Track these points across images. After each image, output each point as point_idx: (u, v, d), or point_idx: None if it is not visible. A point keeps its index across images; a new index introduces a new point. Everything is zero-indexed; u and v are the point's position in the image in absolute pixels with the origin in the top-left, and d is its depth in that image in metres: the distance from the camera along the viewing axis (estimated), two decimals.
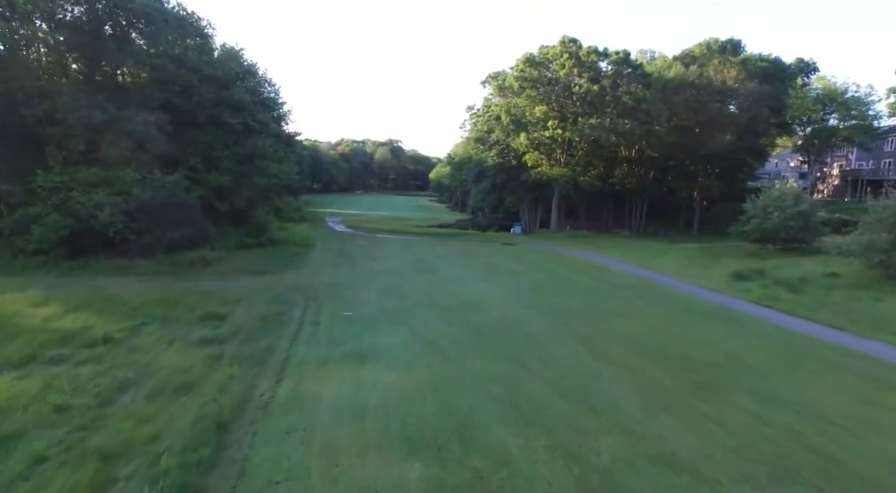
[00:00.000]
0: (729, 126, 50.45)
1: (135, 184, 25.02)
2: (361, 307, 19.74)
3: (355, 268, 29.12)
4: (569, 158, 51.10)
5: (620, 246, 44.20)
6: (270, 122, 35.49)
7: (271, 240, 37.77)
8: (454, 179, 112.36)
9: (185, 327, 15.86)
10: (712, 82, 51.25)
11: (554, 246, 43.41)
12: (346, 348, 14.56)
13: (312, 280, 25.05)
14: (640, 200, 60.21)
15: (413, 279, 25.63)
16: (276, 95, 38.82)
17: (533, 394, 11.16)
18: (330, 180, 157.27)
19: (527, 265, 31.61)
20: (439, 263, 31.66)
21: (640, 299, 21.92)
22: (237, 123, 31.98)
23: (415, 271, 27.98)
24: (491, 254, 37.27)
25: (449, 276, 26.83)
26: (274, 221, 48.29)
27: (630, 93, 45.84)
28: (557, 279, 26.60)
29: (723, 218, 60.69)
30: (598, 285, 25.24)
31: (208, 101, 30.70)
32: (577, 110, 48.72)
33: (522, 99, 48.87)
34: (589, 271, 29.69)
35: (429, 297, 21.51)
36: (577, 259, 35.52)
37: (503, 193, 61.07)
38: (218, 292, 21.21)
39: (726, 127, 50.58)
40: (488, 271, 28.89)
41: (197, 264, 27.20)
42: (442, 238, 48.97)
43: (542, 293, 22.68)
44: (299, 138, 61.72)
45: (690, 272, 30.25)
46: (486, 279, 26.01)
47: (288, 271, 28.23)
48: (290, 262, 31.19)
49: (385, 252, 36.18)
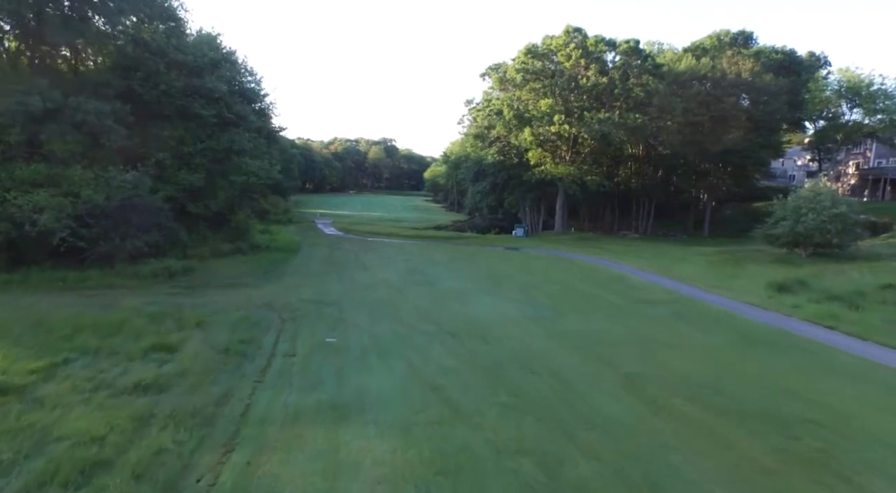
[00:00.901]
0: (744, 121, 47.38)
1: (86, 184, 21.44)
2: (348, 332, 16.36)
3: (343, 279, 25.69)
4: (574, 155, 47.87)
5: (632, 250, 41.01)
6: (250, 114, 31.93)
7: (252, 245, 34.30)
8: (450, 178, 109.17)
9: (121, 365, 12.42)
10: (726, 75, 48.16)
11: (561, 251, 40.14)
12: (325, 396, 11.20)
13: (292, 295, 21.62)
14: (647, 201, 57.11)
15: (409, 294, 22.23)
16: (257, 86, 35.25)
17: (586, 483, 7.81)
18: (322, 180, 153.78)
19: (537, 275, 28.28)
20: (438, 272, 28.28)
21: (680, 320, 18.62)
22: (211, 115, 28.46)
23: (411, 284, 24.59)
24: (494, 261, 33.94)
25: (450, 289, 23.46)
26: (256, 224, 44.79)
27: (641, 85, 42.60)
28: (576, 294, 23.28)
29: (736, 219, 57.81)
30: (625, 301, 21.93)
31: (177, 90, 27.15)
32: (584, 104, 45.48)
33: (525, 92, 45.54)
34: (608, 283, 26.40)
35: (428, 318, 18.14)
36: (590, 267, 32.24)
37: (503, 193, 57.81)
38: (176, 312, 17.75)
39: (741, 122, 47.52)
40: (494, 282, 25.53)
41: (160, 275, 23.68)
42: (439, 242, 45.61)
43: (562, 313, 19.34)
44: (290, 136, 58.94)
45: (721, 282, 27.05)
46: (494, 293, 22.65)
47: (266, 282, 24.78)
48: (270, 271, 27.74)
49: (377, 259, 32.76)
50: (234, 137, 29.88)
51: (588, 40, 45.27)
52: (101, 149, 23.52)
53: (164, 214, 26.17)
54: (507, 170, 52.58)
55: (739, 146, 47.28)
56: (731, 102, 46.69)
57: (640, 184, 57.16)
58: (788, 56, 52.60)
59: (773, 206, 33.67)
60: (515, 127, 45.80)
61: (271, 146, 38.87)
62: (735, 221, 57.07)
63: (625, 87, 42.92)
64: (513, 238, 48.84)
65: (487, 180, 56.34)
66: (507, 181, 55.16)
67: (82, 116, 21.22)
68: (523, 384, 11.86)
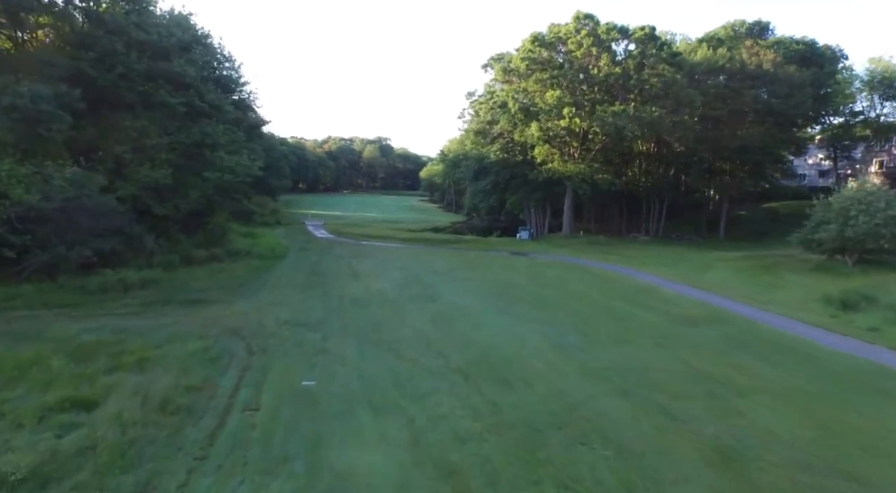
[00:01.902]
0: (765, 115, 44.07)
1: (17, 181, 17.75)
2: (331, 371, 12.84)
3: (331, 293, 22.09)
4: (583, 152, 44.37)
5: (649, 256, 37.61)
6: (226, 104, 28.30)
7: (230, 251, 30.69)
8: (447, 177, 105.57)
9: (1, 437, 8.85)
10: (745, 67, 44.80)
11: (572, 256, 36.67)
12: (290, 488, 7.71)
13: (268, 315, 18.05)
14: (658, 201, 53.70)
15: (408, 313, 18.66)
16: (235, 73, 31.56)
17: None
18: (316, 179, 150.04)
19: (552, 287, 24.78)
20: (439, 283, 24.73)
21: (738, 348, 15.14)
22: (179, 103, 24.87)
23: (410, 299, 21.03)
24: (501, 268, 30.41)
25: (455, 306, 19.91)
26: (238, 226, 41.18)
27: (659, 75, 39.11)
28: (604, 311, 19.78)
29: (754, 221, 54.44)
30: (662, 319, 18.47)
31: (138, 74, 23.54)
32: (595, 97, 42.01)
33: (531, 83, 41.93)
34: (636, 296, 22.94)
35: (432, 348, 14.60)
36: (609, 276, 28.78)
37: (504, 193, 54.28)
38: (116, 342, 14.17)
39: (763, 117, 44.22)
40: (505, 296, 22.00)
41: (113, 289, 20.05)
42: (438, 246, 42.05)
43: (594, 339, 15.84)
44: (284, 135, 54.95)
45: (760, 294, 23.70)
46: (507, 312, 19.11)
47: (240, 297, 21.17)
48: (247, 283, 24.13)
49: (371, 267, 29.17)
50: (206, 128, 26.29)
51: (600, 27, 41.81)
52: (42, 140, 19.80)
53: (121, 216, 22.50)
54: (511, 168, 49.05)
55: (759, 142, 43.96)
56: (752, 94, 43.32)
57: (650, 183, 53.77)
58: (809, 47, 49.30)
59: (812, 207, 30.43)
60: (521, 122, 42.27)
61: (253, 140, 35.21)
62: (752, 222, 53.80)
63: (640, 77, 39.41)
64: (517, 242, 45.36)
65: (489, 179, 52.69)
66: (510, 180, 51.65)
67: (12, 100, 17.52)
68: (571, 465, 8.34)
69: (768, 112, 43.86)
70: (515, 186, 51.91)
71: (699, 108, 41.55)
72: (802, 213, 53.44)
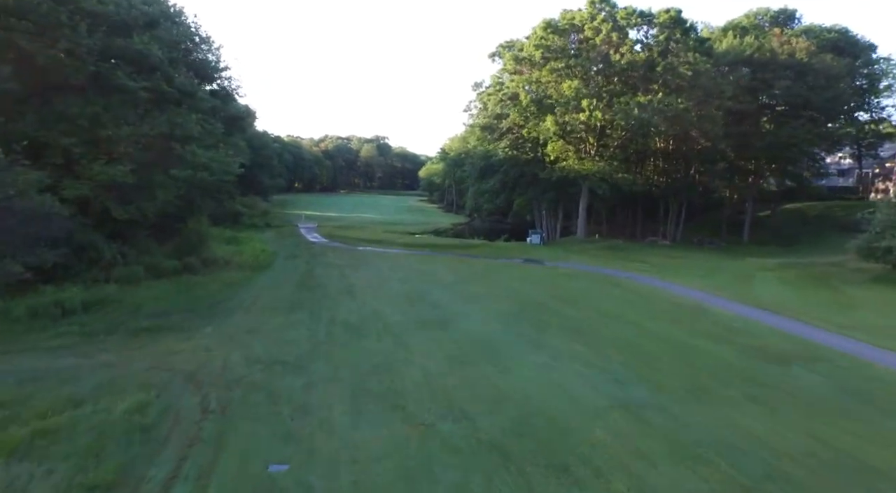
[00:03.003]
0: (798, 109, 40.38)
1: None
2: (311, 448, 9.02)
3: (319, 316, 18.22)
4: (600, 149, 40.58)
5: (677, 263, 33.87)
6: (200, 91, 24.41)
7: (207, 261, 26.77)
8: (448, 177, 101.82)
9: None
10: (776, 56, 41.12)
11: (593, 265, 32.86)
12: None
13: (237, 351, 14.18)
14: (676, 203, 49.95)
15: (415, 347, 14.79)
16: (213, 57, 27.58)
17: None
18: (312, 179, 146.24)
19: (583, 305, 20.95)
20: (450, 302, 20.86)
21: (870, 407, 11.33)
22: (141, 87, 20.96)
23: (416, 325, 17.17)
24: (518, 280, 26.59)
25: (473, 336, 16.06)
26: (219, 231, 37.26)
27: (688, 63, 35.29)
28: (657, 342, 15.94)
29: (780, 223, 50.73)
30: (738, 356, 14.65)
31: (90, 51, 19.61)
32: (614, 88, 38.23)
33: (545, 73, 38.06)
34: (687, 318, 19.15)
35: (451, 404, 10.80)
36: (642, 289, 24.98)
37: (512, 193, 50.45)
38: (14, 400, 10.37)
39: (795, 110, 40.54)
40: (533, 321, 18.15)
41: (45, 315, 16.15)
42: (442, 252, 38.18)
43: (664, 390, 12.00)
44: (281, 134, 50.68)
45: (832, 315, 19.89)
46: (540, 345, 15.26)
47: (208, 322, 17.29)
48: (220, 301, 20.23)
49: (368, 280, 25.30)
50: (176, 118, 22.41)
51: (619, 12, 38.06)
52: None
53: (67, 222, 18.54)
54: (521, 166, 45.22)
55: (792, 138, 40.27)
56: (784, 86, 39.62)
57: (668, 183, 50.04)
58: (843, 35, 45.65)
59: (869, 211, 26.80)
60: (534, 115, 38.43)
61: (234, 134, 31.28)
62: (777, 225, 50.09)
63: (668, 65, 35.57)
64: (528, 246, 41.50)
65: (497, 178, 48.75)
66: (518, 179, 47.84)
67: None
68: None
69: (802, 105, 40.17)
70: (524, 185, 48.12)
71: (729, 99, 37.76)
72: (833, 215, 49.94)
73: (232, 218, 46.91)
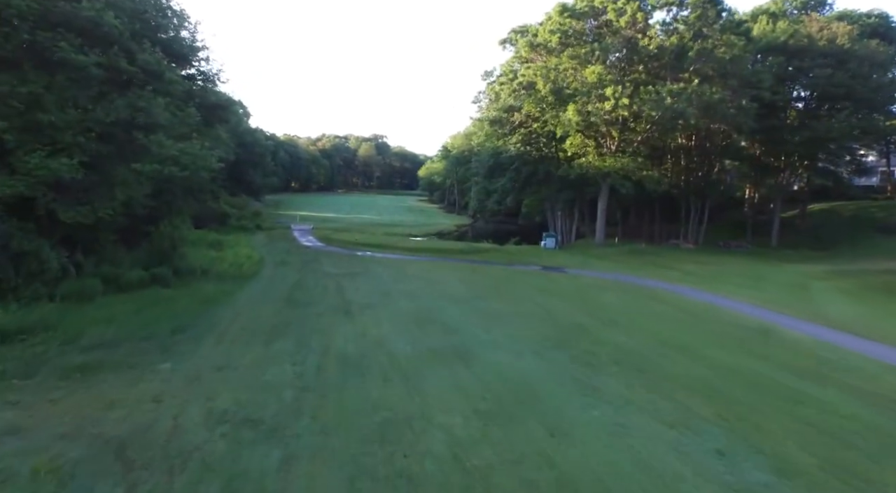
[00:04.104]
0: (840, 100, 36.89)
1: None
2: None
3: (308, 346, 14.54)
4: (622, 143, 36.99)
5: (714, 271, 30.33)
6: (169, 72, 20.68)
7: (180, 270, 23.09)
8: (450, 176, 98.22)
9: None
10: (814, 42, 37.59)
11: (620, 272, 29.29)
12: None
13: (196, 401, 10.49)
14: (698, 203, 46.41)
15: (432, 395, 11.12)
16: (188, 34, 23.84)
17: None
18: (309, 178, 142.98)
19: (630, 328, 17.34)
20: (468, 324, 17.22)
21: None
22: (93, 63, 17.26)
23: (430, 358, 13.51)
24: (543, 294, 22.97)
25: (507, 377, 12.40)
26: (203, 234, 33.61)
27: (725, 46, 31.63)
28: (744, 385, 12.30)
29: (818, 225, 47.08)
30: (866, 410, 11.05)
31: (21, 15, 15.94)
32: (638, 77, 34.63)
33: (565, 59, 34.38)
34: (762, 346, 15.58)
35: None
36: (689, 305, 21.37)
37: (522, 192, 46.82)
38: None
39: (837, 101, 37.05)
40: (577, 353, 14.51)
41: None
42: (449, 258, 34.55)
43: (800, 477, 8.38)
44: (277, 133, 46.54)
45: None
46: (597, 391, 11.61)
47: (168, 356, 13.52)
48: (185, 325, 16.40)
49: (368, 294, 21.64)
50: (139, 102, 18.67)
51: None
52: None
53: None
54: (533, 164, 41.58)
55: (833, 133, 36.75)
56: (825, 75, 36.08)
57: (690, 182, 46.51)
58: (883, 21, 42.27)
59: None
60: (550, 106, 34.81)
61: (215, 125, 27.55)
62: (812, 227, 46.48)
63: (702, 50, 31.91)
64: (542, 251, 37.91)
65: (507, 177, 45.04)
66: (530, 178, 44.21)
67: None
68: None
69: (845, 96, 36.64)
70: (535, 184, 44.49)
71: (766, 89, 34.21)
72: (870, 215, 46.21)
73: (220, 220, 43.22)
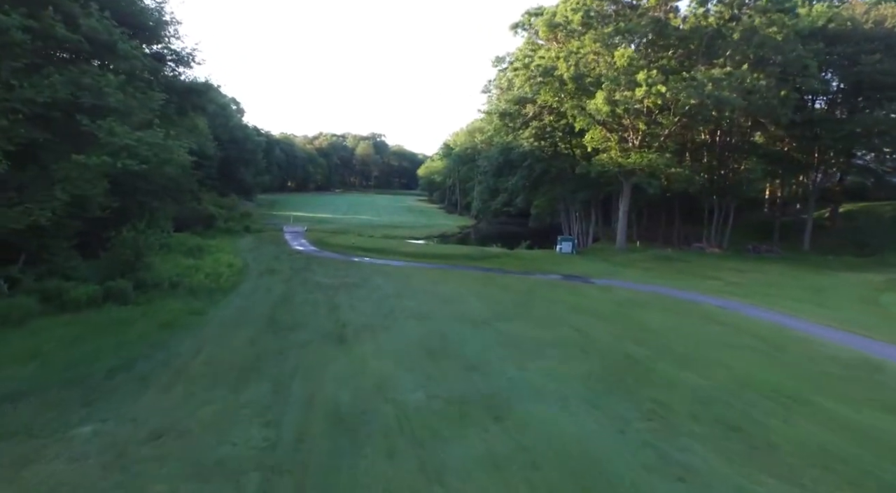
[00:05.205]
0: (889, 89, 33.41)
1: None
2: None
3: (288, 395, 10.88)
4: (647, 138, 33.44)
5: (757, 281, 26.84)
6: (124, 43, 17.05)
7: (143, 283, 19.46)
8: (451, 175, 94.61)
9: None
10: (859, 26, 34.12)
11: (655, 283, 25.76)
12: None
13: None
14: (724, 204, 42.90)
15: (454, 472, 7.47)
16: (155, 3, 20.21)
17: None
18: (305, 178, 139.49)
19: (700, 365, 13.76)
20: (495, 357, 13.62)
21: None
22: (16, 26, 13.66)
23: (450, 415, 9.88)
24: (575, 312, 19.36)
25: (557, 445, 8.80)
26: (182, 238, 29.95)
27: (774, 25, 28.03)
28: (883, 459, 8.77)
29: (863, 229, 43.41)
30: None
31: None
32: (667, 63, 31.07)
33: (588, 42, 30.71)
34: (872, 391, 12.05)
35: None
36: (756, 328, 17.80)
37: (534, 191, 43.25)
38: None
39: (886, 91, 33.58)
40: (642, 403, 10.93)
41: None
42: (458, 265, 30.97)
43: None
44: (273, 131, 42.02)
45: None
46: (690, 473, 8.02)
47: (86, 417, 9.77)
48: (129, 364, 12.68)
49: (367, 314, 18.01)
50: (82, 79, 15.08)
51: None
52: None
53: None
54: (547, 160, 38.00)
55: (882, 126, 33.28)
56: (874, 61, 32.60)
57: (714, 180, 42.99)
58: None
59: None
60: (570, 95, 31.22)
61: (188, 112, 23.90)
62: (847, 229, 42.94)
63: (745, 30, 28.30)
64: (559, 257, 34.31)
65: (520, 175, 41.37)
66: (542, 176, 40.65)
67: None
68: None
69: (892, 85, 33.15)
70: (548, 183, 40.93)
71: (813, 77, 30.70)
72: None
73: (205, 222, 39.59)
